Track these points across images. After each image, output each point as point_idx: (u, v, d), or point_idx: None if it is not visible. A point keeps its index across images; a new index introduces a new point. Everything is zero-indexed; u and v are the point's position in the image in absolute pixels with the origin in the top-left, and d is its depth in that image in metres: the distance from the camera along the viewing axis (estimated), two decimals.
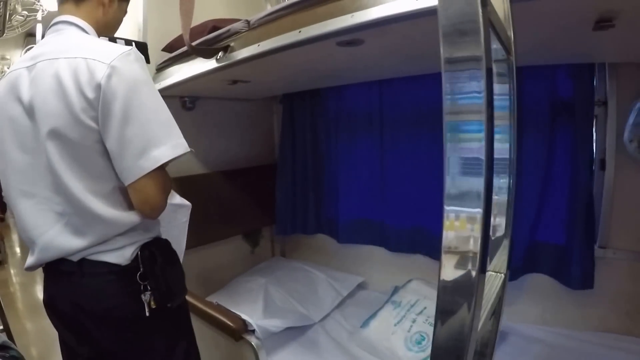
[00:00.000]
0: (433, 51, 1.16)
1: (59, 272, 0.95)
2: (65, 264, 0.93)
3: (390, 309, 1.57)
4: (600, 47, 1.18)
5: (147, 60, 1.57)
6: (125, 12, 1.10)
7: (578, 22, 0.90)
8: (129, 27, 2.21)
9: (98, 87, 0.82)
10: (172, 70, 1.55)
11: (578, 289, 1.40)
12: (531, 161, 1.43)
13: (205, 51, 1.25)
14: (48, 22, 1.05)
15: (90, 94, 0.83)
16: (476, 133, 0.46)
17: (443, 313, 0.50)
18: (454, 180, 0.48)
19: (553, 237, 1.46)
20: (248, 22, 1.20)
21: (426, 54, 1.21)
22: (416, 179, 1.73)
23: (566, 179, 1.41)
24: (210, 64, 1.27)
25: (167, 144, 0.88)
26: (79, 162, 0.87)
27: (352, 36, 0.94)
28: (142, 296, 0.92)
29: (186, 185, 1.81)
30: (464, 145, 0.47)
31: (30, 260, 0.97)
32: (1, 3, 2.06)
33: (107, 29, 1.05)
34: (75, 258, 0.92)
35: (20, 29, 2.29)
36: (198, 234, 1.82)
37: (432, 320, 1.47)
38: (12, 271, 3.84)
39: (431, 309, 1.52)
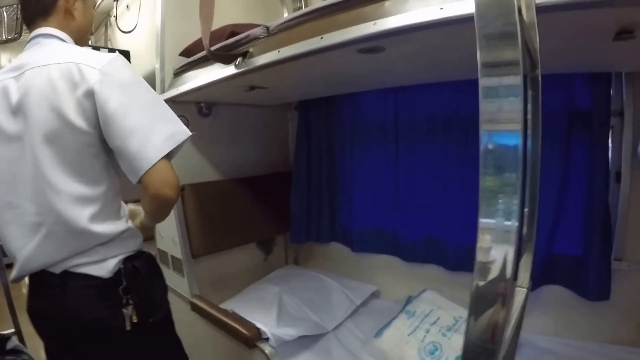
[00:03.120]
0: (453, 59, 1.18)
1: (42, 284, 0.95)
2: (48, 277, 0.93)
3: (404, 318, 1.56)
4: (618, 57, 1.18)
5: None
6: (93, 8, 1.10)
7: (599, 33, 0.89)
8: (147, 32, 2.25)
9: (91, 91, 0.84)
10: (189, 75, 1.56)
11: (595, 300, 1.38)
12: (547, 172, 1.42)
13: (225, 57, 1.26)
14: None
15: (84, 97, 0.84)
16: (513, 144, 0.46)
17: (473, 328, 0.50)
18: (489, 191, 0.48)
19: (570, 249, 1.44)
20: (267, 28, 1.20)
21: (445, 62, 1.22)
22: (431, 189, 1.73)
23: (582, 190, 1.40)
24: (229, 70, 1.27)
25: (175, 127, 0.91)
26: (71, 166, 0.87)
27: (373, 44, 0.94)
28: (124, 310, 0.92)
29: (201, 192, 1.82)
30: (499, 154, 0.47)
31: (13, 273, 0.97)
32: (19, 6, 2.09)
33: (82, 32, 1.07)
34: (57, 270, 0.92)
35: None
36: (212, 241, 1.83)
37: (445, 330, 1.47)
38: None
39: (445, 320, 1.52)
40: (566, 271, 1.45)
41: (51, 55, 0.89)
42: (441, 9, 0.78)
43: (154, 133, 0.87)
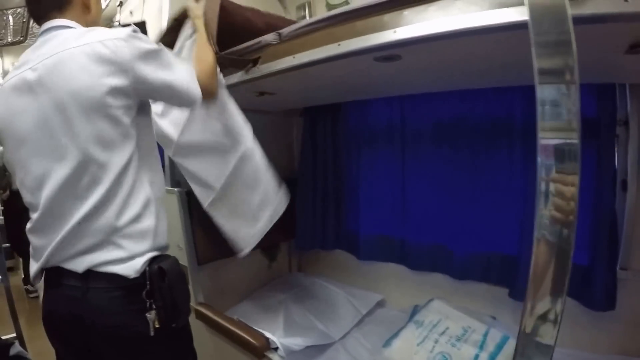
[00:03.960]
0: (467, 68, 1.18)
1: (61, 286, 0.91)
2: (68, 277, 0.90)
3: (413, 328, 1.55)
4: (626, 69, 1.19)
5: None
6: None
7: (612, 46, 0.90)
8: (150, 37, 2.24)
9: (118, 60, 0.85)
10: None
11: (600, 310, 1.38)
12: None
13: (236, 62, 1.25)
14: None
15: (113, 68, 0.84)
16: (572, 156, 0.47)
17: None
18: (545, 204, 0.49)
19: (576, 258, 1.44)
20: (279, 34, 1.20)
21: (458, 71, 1.23)
22: (438, 197, 1.73)
23: (589, 199, 1.41)
24: (239, 75, 1.28)
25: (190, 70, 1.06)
26: (99, 132, 0.86)
27: (391, 52, 0.95)
28: (147, 315, 0.89)
29: None
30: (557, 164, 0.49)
31: (35, 265, 0.95)
32: (25, 10, 2.09)
33: (94, 26, 1.03)
34: (80, 268, 0.88)
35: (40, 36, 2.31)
36: (218, 248, 1.81)
37: (454, 341, 1.46)
38: (23, 276, 3.82)
39: (454, 330, 1.51)
40: (572, 281, 1.45)
41: (66, 41, 0.87)
42: (462, 19, 0.79)
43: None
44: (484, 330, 1.48)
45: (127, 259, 0.89)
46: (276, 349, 1.42)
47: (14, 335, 1.93)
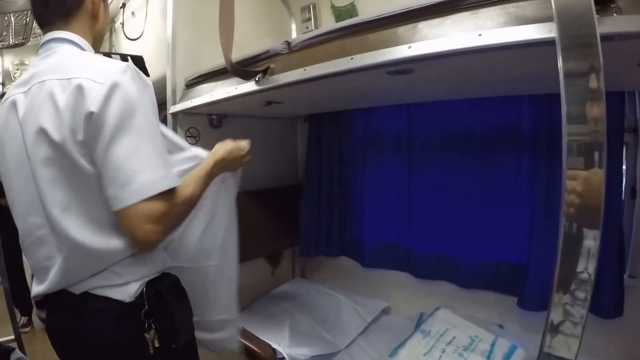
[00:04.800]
0: (477, 80, 1.17)
1: (61, 304, 0.90)
2: (67, 296, 0.88)
3: (419, 338, 1.54)
4: (635, 79, 1.19)
5: (146, 74, 1.55)
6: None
7: (626, 59, 0.90)
8: (153, 39, 2.22)
9: (91, 109, 0.76)
10: (204, 87, 1.53)
11: (608, 317, 1.37)
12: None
13: (246, 72, 1.23)
14: None
15: (83, 116, 0.77)
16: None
17: None
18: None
19: None
20: (289, 43, 1.19)
21: (468, 82, 1.22)
22: (444, 204, 1.72)
23: None
24: (249, 86, 1.26)
25: (154, 175, 0.80)
26: (72, 188, 0.82)
27: (405, 66, 0.93)
28: (146, 334, 0.87)
29: None
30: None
31: (36, 288, 0.92)
32: (29, 12, 2.06)
33: (100, 35, 1.01)
34: (77, 290, 0.87)
35: (41, 37, 2.31)
36: None
37: (462, 350, 1.45)
38: None
39: (460, 339, 1.51)
40: None
41: (57, 67, 0.83)
42: (479, 35, 0.77)
43: (133, 179, 0.77)
44: (491, 340, 1.48)
45: (123, 284, 0.87)
46: (282, 359, 1.41)
47: (12, 337, 1.92)
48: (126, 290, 0.87)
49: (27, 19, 2.08)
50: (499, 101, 1.53)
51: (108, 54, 1.19)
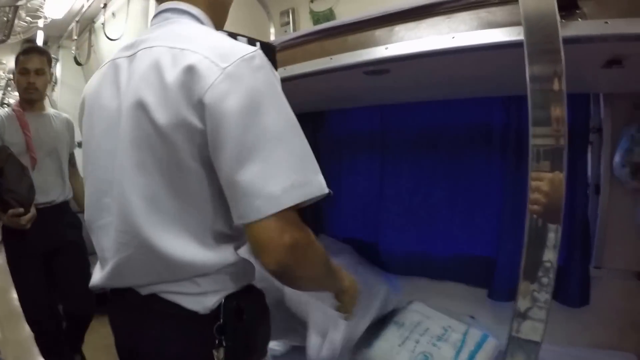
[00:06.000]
0: (452, 80, 1.22)
1: (122, 304, 0.77)
2: (131, 295, 0.74)
3: (394, 329, 1.56)
4: (600, 81, 1.26)
5: (275, 67, 1.34)
6: None
7: (591, 61, 0.96)
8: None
9: (205, 99, 0.60)
10: None
11: (575, 306, 1.43)
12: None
13: None
14: (49, 29, 0.97)
15: (194, 102, 0.61)
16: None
17: None
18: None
19: None
20: None
21: (442, 83, 1.27)
22: (416, 202, 1.76)
23: (564, 202, 1.48)
24: None
25: (296, 181, 0.62)
26: (162, 179, 0.67)
27: (382, 66, 0.97)
28: (215, 352, 0.71)
29: None
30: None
31: (93, 279, 0.79)
32: (11, 9, 1.99)
33: (224, 8, 0.84)
34: (143, 291, 0.73)
35: (22, 35, 2.22)
36: None
37: (435, 340, 1.49)
38: None
39: (434, 330, 1.54)
40: None
41: (171, 35, 0.69)
42: (453, 37, 0.82)
43: (267, 187, 0.60)
44: (463, 330, 1.52)
45: (199, 294, 0.72)
46: None
47: None
48: (202, 301, 0.71)
49: (9, 16, 2.00)
50: (470, 103, 1.59)
51: (234, 35, 0.95)
